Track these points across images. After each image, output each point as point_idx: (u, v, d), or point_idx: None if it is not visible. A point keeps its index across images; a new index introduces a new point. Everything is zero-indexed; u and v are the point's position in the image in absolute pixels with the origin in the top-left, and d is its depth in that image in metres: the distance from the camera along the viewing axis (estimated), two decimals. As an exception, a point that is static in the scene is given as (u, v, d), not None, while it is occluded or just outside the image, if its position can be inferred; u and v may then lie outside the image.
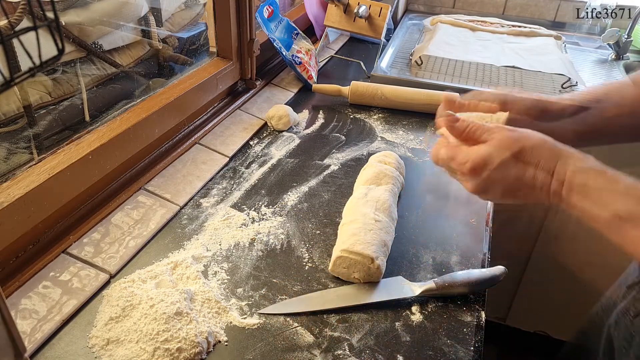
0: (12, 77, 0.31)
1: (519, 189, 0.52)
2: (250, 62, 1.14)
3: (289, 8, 1.54)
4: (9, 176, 0.64)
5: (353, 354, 0.57)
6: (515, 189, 0.53)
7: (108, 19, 0.88)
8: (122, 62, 0.93)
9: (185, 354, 0.54)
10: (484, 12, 1.81)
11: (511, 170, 0.51)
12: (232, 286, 0.66)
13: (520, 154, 0.51)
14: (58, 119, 0.80)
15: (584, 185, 0.48)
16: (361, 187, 0.80)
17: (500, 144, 0.52)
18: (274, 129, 1.06)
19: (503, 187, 0.53)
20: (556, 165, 0.50)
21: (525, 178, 0.51)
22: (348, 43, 1.61)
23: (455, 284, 0.65)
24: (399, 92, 1.15)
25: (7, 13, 0.36)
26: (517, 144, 0.52)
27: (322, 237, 0.76)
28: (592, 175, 0.48)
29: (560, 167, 0.50)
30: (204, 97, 1.01)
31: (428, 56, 1.41)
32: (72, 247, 0.69)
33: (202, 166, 0.91)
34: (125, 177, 0.82)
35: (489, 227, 0.80)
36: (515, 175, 0.52)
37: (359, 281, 0.67)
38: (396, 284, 0.66)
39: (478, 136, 0.54)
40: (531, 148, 0.51)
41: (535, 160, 0.51)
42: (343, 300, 0.64)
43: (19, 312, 0.59)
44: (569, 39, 1.64)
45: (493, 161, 0.52)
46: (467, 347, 0.59)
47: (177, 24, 1.08)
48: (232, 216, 0.79)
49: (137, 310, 0.58)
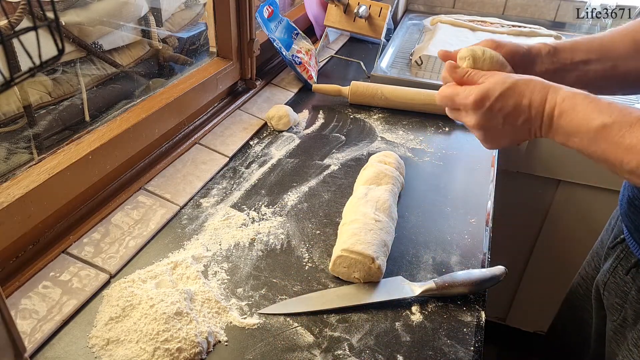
0: (12, 77, 0.31)
1: (517, 117, 0.58)
2: (250, 62, 1.14)
3: (289, 8, 1.54)
4: (9, 176, 0.64)
5: (353, 354, 0.57)
6: (514, 118, 0.58)
7: (108, 19, 0.88)
8: (122, 62, 0.93)
9: (185, 354, 0.54)
10: (484, 12, 1.81)
11: (509, 99, 0.57)
12: (232, 286, 0.66)
13: (516, 85, 0.58)
14: (58, 119, 0.80)
15: (572, 107, 0.54)
16: (361, 187, 0.80)
17: (497, 81, 0.58)
18: (274, 129, 1.06)
19: (503, 116, 0.58)
20: (547, 94, 0.56)
21: (522, 106, 0.57)
22: (348, 43, 1.61)
23: (455, 284, 0.65)
24: (399, 92, 1.15)
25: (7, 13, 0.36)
26: (512, 79, 0.58)
27: (322, 237, 0.76)
28: (580, 99, 0.54)
29: (551, 95, 0.56)
30: (204, 97, 1.01)
31: (428, 56, 1.41)
32: (72, 247, 0.69)
33: (202, 166, 0.91)
34: (125, 177, 0.82)
35: (489, 227, 0.80)
36: (513, 104, 0.57)
37: (359, 281, 0.67)
38: (396, 284, 0.66)
39: (476, 80, 0.61)
40: (524, 82, 0.58)
41: (530, 89, 0.57)
42: (343, 300, 0.64)
43: (19, 312, 0.59)
44: (569, 39, 1.64)
45: (494, 92, 0.58)
46: (467, 347, 0.59)
47: (177, 24, 1.08)
48: (232, 216, 0.79)
49: (137, 310, 0.58)
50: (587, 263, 0.88)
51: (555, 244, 1.46)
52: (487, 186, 0.90)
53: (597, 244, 0.86)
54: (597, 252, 0.85)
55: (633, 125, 0.49)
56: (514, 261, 1.51)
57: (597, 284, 0.78)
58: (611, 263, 0.75)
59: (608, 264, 0.76)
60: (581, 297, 0.88)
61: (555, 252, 1.47)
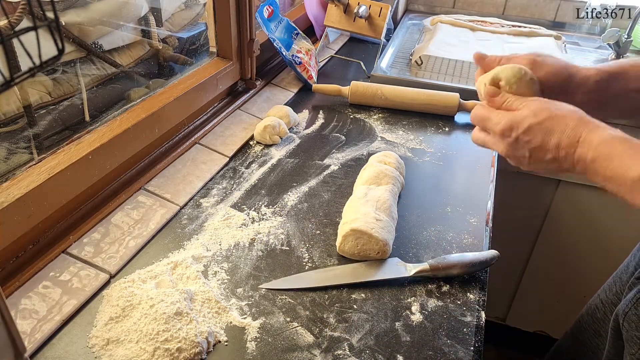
0: (12, 77, 0.31)
1: (544, 153, 0.55)
2: (250, 62, 1.14)
3: (289, 8, 1.54)
4: (9, 176, 0.64)
5: (353, 354, 0.57)
6: (541, 154, 0.56)
7: (108, 19, 0.88)
8: (122, 62, 0.93)
9: (185, 354, 0.54)
10: (484, 12, 1.81)
11: (537, 135, 0.55)
12: (232, 286, 0.66)
13: (548, 120, 0.55)
14: (58, 119, 0.80)
15: (608, 153, 0.51)
16: (361, 187, 0.80)
17: (531, 111, 0.56)
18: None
19: (529, 150, 0.56)
20: (581, 134, 0.53)
21: (550, 144, 0.54)
22: (348, 43, 1.61)
23: (449, 266, 0.67)
24: (399, 92, 1.15)
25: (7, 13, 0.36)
26: (547, 112, 0.55)
27: (322, 237, 0.76)
28: (617, 143, 0.51)
29: (587, 135, 0.52)
30: (204, 97, 1.01)
31: (428, 56, 1.41)
32: (72, 247, 0.69)
33: (202, 166, 0.91)
34: (125, 177, 0.82)
35: (489, 227, 0.80)
36: (541, 140, 0.55)
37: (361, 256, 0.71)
38: (392, 264, 0.70)
39: (515, 107, 0.58)
40: (560, 117, 0.55)
41: (562, 127, 0.54)
42: (341, 279, 0.67)
43: (19, 312, 0.59)
44: (569, 39, 1.64)
45: (522, 125, 0.56)
46: (467, 347, 0.59)
47: (177, 24, 1.08)
48: (232, 216, 0.79)
49: (137, 310, 0.58)
50: (609, 286, 0.83)
51: (555, 244, 1.46)
52: (487, 186, 0.90)
53: (622, 268, 0.81)
54: (620, 276, 0.80)
55: None
56: (513, 261, 1.51)
57: (617, 313, 0.74)
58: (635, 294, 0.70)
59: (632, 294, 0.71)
60: (597, 321, 0.83)
61: (555, 252, 1.47)
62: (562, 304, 1.53)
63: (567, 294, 1.50)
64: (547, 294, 1.53)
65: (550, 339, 1.59)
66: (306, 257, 0.71)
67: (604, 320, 0.82)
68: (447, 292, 0.67)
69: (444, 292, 0.67)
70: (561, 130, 0.54)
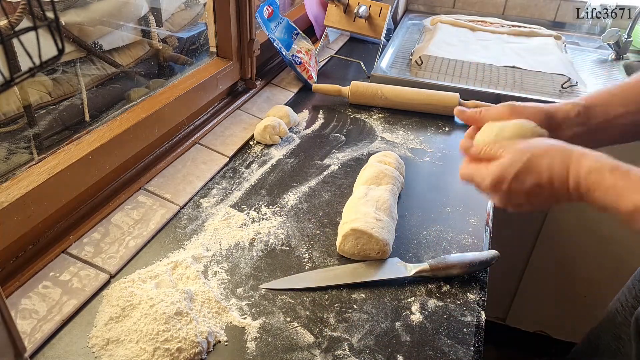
0: (12, 77, 0.31)
1: (540, 193, 0.54)
2: (250, 62, 1.14)
3: (289, 8, 1.54)
4: (9, 176, 0.64)
5: (353, 354, 0.57)
6: (537, 194, 0.55)
7: (108, 19, 0.88)
8: (122, 62, 0.93)
9: (185, 354, 0.54)
10: (484, 12, 1.81)
11: (526, 179, 0.54)
12: (232, 286, 0.66)
13: (531, 161, 0.54)
14: (58, 119, 0.80)
15: (599, 183, 0.50)
16: (361, 187, 0.80)
17: (511, 158, 0.55)
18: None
19: (525, 195, 0.55)
20: (569, 166, 0.52)
21: (542, 183, 0.54)
22: (348, 43, 1.61)
23: (449, 266, 0.67)
24: (399, 92, 1.15)
25: (7, 13, 0.36)
26: (527, 154, 0.54)
27: (322, 237, 0.76)
28: (607, 172, 0.50)
29: (574, 167, 0.52)
30: (204, 97, 1.01)
31: (428, 56, 1.41)
32: (72, 247, 0.69)
33: (202, 166, 0.91)
34: (125, 177, 0.82)
35: (489, 227, 0.80)
36: (532, 183, 0.54)
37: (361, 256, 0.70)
38: (392, 264, 0.70)
39: (493, 154, 0.57)
40: (541, 155, 0.54)
41: (548, 162, 0.53)
42: (342, 279, 0.67)
43: (19, 312, 0.59)
44: (569, 39, 1.64)
45: (508, 174, 0.55)
46: (467, 347, 0.59)
47: (177, 24, 1.08)
48: (232, 216, 0.79)
49: (137, 310, 0.58)
50: (628, 289, 0.82)
51: (555, 244, 1.45)
52: (487, 186, 0.90)
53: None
54: (639, 279, 0.80)
55: None
56: (514, 261, 1.51)
57: (637, 316, 0.74)
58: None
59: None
60: (618, 325, 0.83)
61: (555, 252, 1.46)
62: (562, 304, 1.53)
63: (567, 294, 1.50)
64: (547, 294, 1.53)
65: (550, 339, 1.59)
66: (306, 257, 0.71)
67: (624, 324, 0.81)
68: (447, 292, 0.67)
69: (444, 292, 0.67)
70: (548, 165, 0.53)
